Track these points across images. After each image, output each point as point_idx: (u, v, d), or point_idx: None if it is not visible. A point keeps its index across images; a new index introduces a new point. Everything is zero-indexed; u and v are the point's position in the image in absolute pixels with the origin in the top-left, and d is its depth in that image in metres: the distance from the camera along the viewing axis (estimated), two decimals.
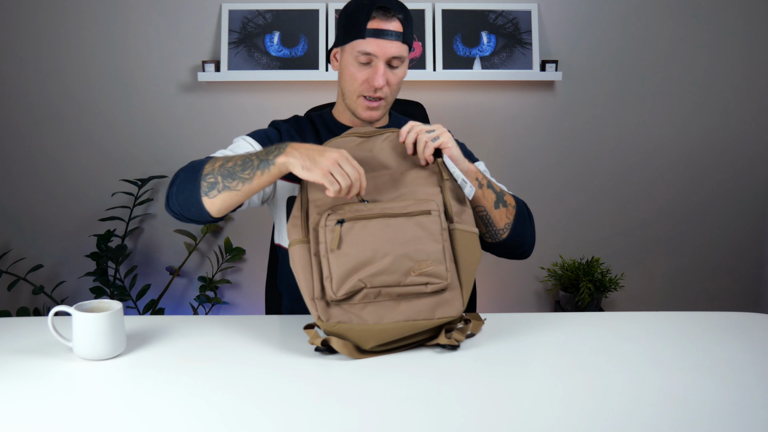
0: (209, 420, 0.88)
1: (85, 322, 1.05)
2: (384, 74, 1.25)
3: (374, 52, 1.24)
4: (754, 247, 2.54)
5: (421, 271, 1.06)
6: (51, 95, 2.36)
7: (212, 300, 2.38)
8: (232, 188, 1.12)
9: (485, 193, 1.21)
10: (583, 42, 2.38)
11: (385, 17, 1.24)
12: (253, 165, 1.10)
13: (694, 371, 1.01)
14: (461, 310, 1.07)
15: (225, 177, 1.11)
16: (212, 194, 1.13)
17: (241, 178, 1.11)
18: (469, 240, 1.12)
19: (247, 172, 1.10)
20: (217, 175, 1.12)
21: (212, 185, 1.12)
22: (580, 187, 2.48)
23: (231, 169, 1.12)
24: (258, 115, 2.36)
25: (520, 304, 2.55)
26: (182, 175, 1.17)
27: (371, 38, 1.24)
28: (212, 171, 1.13)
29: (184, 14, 2.33)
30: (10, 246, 2.42)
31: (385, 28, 1.24)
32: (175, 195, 1.17)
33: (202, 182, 1.13)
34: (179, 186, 1.16)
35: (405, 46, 1.27)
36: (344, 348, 1.04)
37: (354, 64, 1.27)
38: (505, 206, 1.24)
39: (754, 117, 2.45)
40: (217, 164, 1.13)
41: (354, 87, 1.28)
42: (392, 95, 1.31)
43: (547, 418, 0.87)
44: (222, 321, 1.26)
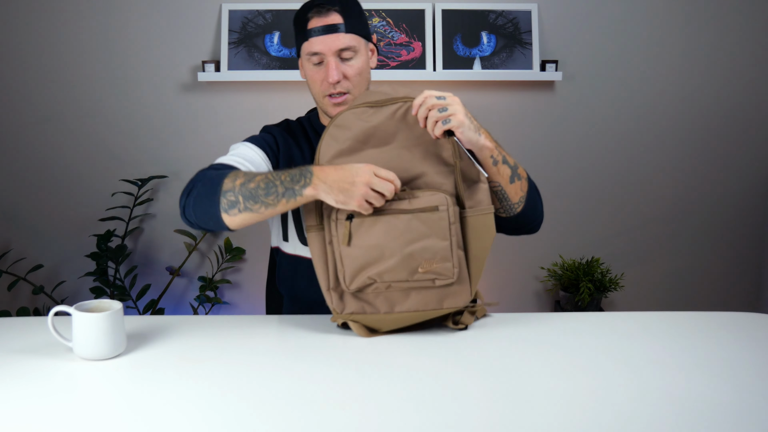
0: (209, 420, 0.88)
1: (85, 322, 1.05)
2: (336, 68, 1.25)
3: (320, 50, 1.25)
4: (754, 247, 2.54)
5: (427, 269, 1.09)
6: (51, 95, 2.35)
7: (212, 300, 2.38)
8: (254, 210, 1.11)
9: (500, 169, 1.19)
10: (583, 42, 2.38)
11: (321, 13, 1.25)
12: (277, 192, 1.09)
13: (694, 371, 1.01)
14: (468, 300, 1.13)
15: (247, 198, 1.10)
16: (232, 212, 1.12)
17: (264, 202, 1.10)
18: (482, 223, 1.14)
19: (271, 197, 1.09)
20: (238, 195, 1.10)
21: (233, 204, 1.11)
22: (580, 186, 2.48)
23: (254, 191, 1.10)
24: (258, 115, 2.36)
25: (520, 304, 2.55)
26: (199, 187, 1.15)
27: (314, 37, 1.25)
28: (233, 189, 1.11)
29: (184, 14, 2.33)
30: (10, 246, 2.42)
31: (323, 23, 1.24)
32: (193, 207, 1.15)
33: (222, 198, 1.11)
34: (197, 198, 1.15)
35: (352, 36, 1.26)
36: (359, 329, 1.15)
37: (310, 67, 1.28)
38: (519, 179, 1.22)
39: (753, 117, 2.45)
40: (237, 182, 1.11)
41: (317, 89, 1.30)
42: (357, 87, 1.29)
43: (547, 418, 0.87)
44: (222, 321, 1.26)
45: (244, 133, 2.33)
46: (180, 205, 1.19)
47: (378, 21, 2.32)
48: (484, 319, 1.25)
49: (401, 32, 2.32)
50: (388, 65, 2.31)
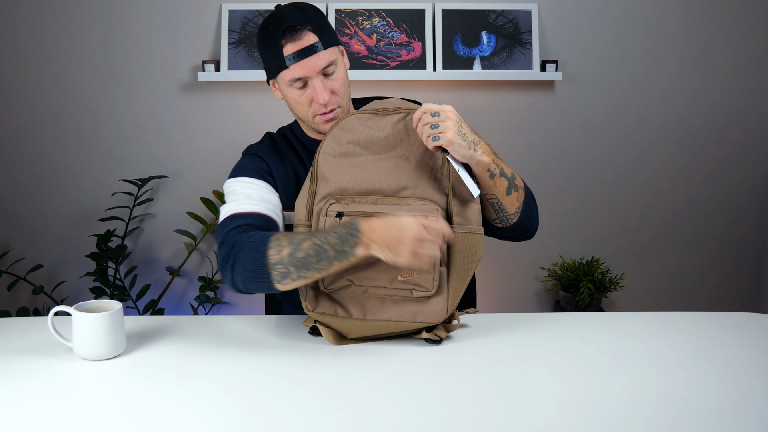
0: (209, 420, 0.88)
1: (85, 322, 1.05)
2: (324, 88, 1.20)
3: (304, 75, 1.19)
4: (754, 247, 2.54)
5: (407, 278, 1.08)
6: (51, 95, 2.35)
7: (212, 300, 2.38)
8: (308, 278, 1.08)
9: (497, 182, 1.18)
10: (583, 42, 2.38)
11: (296, 37, 1.18)
12: (329, 256, 1.06)
13: (694, 371, 1.01)
14: (443, 318, 1.10)
15: (299, 268, 1.07)
16: (285, 282, 1.09)
17: (317, 269, 1.07)
18: (469, 242, 1.11)
19: (323, 263, 1.06)
20: (289, 267, 1.07)
21: (284, 275, 1.08)
22: (580, 187, 2.48)
23: (304, 260, 1.07)
24: (258, 115, 2.36)
25: (520, 304, 2.55)
26: (243, 260, 1.10)
27: (294, 64, 1.19)
28: (281, 261, 1.07)
29: (184, 14, 2.33)
30: (10, 246, 2.42)
31: (301, 47, 1.18)
32: (242, 281, 1.11)
33: (273, 272, 1.08)
34: (244, 273, 1.10)
35: (330, 50, 1.21)
36: (328, 335, 1.12)
37: (292, 91, 1.22)
38: (516, 191, 1.21)
39: (754, 116, 2.45)
40: (285, 252, 1.08)
41: (304, 111, 1.24)
42: (344, 98, 1.26)
43: (547, 418, 0.87)
44: (222, 321, 1.26)
45: (244, 133, 2.34)
46: (226, 279, 1.14)
47: (378, 21, 2.32)
48: (484, 319, 1.25)
49: (401, 32, 2.32)
50: (388, 65, 2.31)
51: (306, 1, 1.27)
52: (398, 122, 1.18)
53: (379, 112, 1.19)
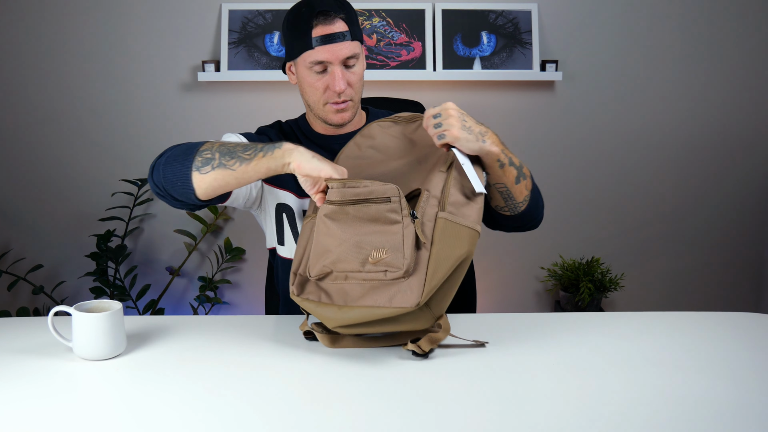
0: (209, 420, 0.88)
1: (85, 322, 1.05)
2: (343, 77, 1.23)
3: (327, 59, 1.22)
4: (754, 247, 2.54)
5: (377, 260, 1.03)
6: (51, 95, 2.36)
7: (212, 300, 2.38)
8: (228, 166, 1.08)
9: (506, 171, 1.17)
10: (583, 42, 2.38)
11: (328, 21, 1.21)
12: (256, 147, 1.08)
13: (694, 371, 1.01)
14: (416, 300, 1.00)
15: (223, 154, 1.09)
16: (205, 170, 1.10)
17: (240, 157, 1.08)
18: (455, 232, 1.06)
19: (248, 152, 1.08)
20: (215, 152, 1.10)
21: (207, 161, 1.09)
22: (580, 186, 2.48)
23: (232, 148, 1.10)
24: (258, 115, 2.36)
25: (520, 304, 2.55)
26: (175, 148, 1.14)
27: (320, 46, 1.21)
28: (211, 148, 1.11)
29: (184, 14, 2.33)
30: (10, 246, 2.42)
31: (330, 32, 1.21)
32: (163, 165, 1.13)
33: (197, 157, 1.10)
34: (169, 158, 1.13)
35: (356, 43, 1.24)
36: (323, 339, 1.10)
37: (310, 74, 1.25)
38: (524, 179, 1.20)
39: (754, 116, 2.45)
40: (217, 143, 1.12)
41: (317, 97, 1.27)
42: (357, 93, 1.29)
43: (547, 418, 0.87)
44: (222, 321, 1.26)
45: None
46: (150, 166, 1.15)
47: (378, 21, 2.32)
48: (484, 319, 1.25)
49: (401, 32, 2.32)
50: (388, 65, 2.31)
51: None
52: (416, 129, 1.20)
53: (399, 120, 1.22)
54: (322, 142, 1.34)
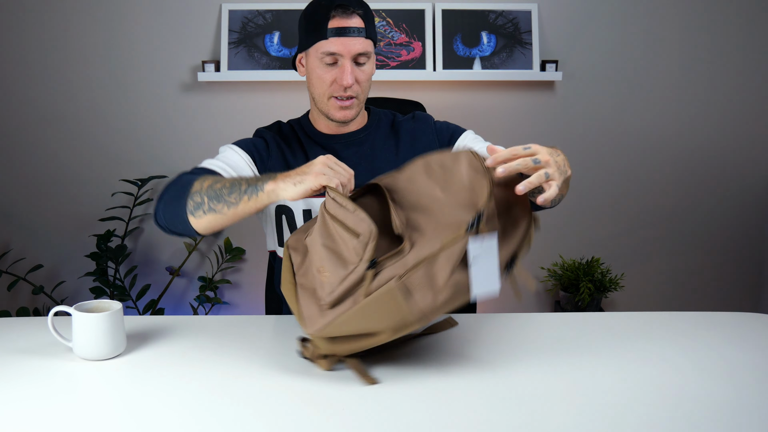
0: (209, 420, 0.88)
1: (85, 322, 1.05)
2: (352, 72, 1.24)
3: (339, 51, 1.23)
4: (755, 248, 2.54)
5: (321, 272, 0.98)
6: (51, 95, 2.36)
7: (212, 300, 2.38)
8: (217, 211, 1.08)
9: (564, 187, 1.04)
10: (583, 42, 2.38)
11: (345, 14, 1.23)
12: (240, 190, 1.06)
13: (693, 371, 1.01)
14: (313, 329, 0.94)
15: (211, 198, 1.08)
16: (198, 214, 1.10)
17: (227, 201, 1.07)
18: (394, 307, 0.89)
19: (233, 196, 1.06)
20: (203, 195, 1.09)
21: (198, 205, 1.09)
22: (580, 186, 2.48)
23: (219, 191, 1.08)
24: (258, 115, 2.36)
25: (520, 304, 2.55)
26: (171, 190, 1.15)
27: (334, 37, 1.23)
28: (200, 190, 1.09)
29: (184, 14, 2.33)
30: (10, 246, 2.42)
31: (346, 25, 1.22)
32: (163, 209, 1.15)
33: (189, 200, 1.10)
34: (167, 201, 1.14)
35: (369, 42, 1.26)
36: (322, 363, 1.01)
37: (320, 66, 1.25)
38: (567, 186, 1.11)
39: (754, 116, 2.45)
40: (205, 184, 1.10)
41: (323, 89, 1.27)
42: (364, 93, 1.29)
43: (547, 418, 0.87)
44: (222, 321, 1.26)
45: (244, 133, 2.33)
46: (153, 208, 1.17)
47: (378, 21, 2.32)
48: (484, 319, 1.25)
49: (401, 32, 2.32)
50: (388, 65, 2.31)
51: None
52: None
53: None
54: (324, 142, 1.34)
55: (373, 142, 1.35)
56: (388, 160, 1.33)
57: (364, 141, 1.35)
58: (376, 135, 1.36)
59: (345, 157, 1.32)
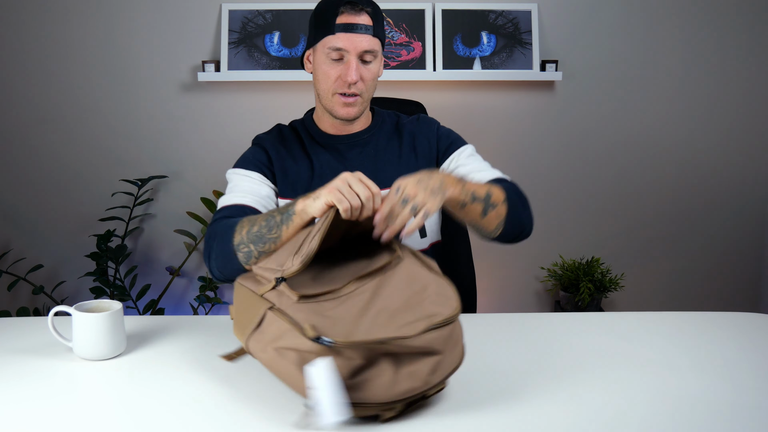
0: (209, 420, 0.88)
1: (85, 322, 1.05)
2: (357, 69, 1.24)
3: (345, 47, 1.24)
4: (754, 247, 2.54)
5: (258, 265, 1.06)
6: (51, 95, 2.35)
7: (212, 300, 2.38)
8: (266, 251, 1.09)
9: (470, 209, 1.14)
10: (583, 42, 2.38)
11: (354, 11, 1.24)
12: (277, 223, 1.08)
13: (693, 371, 1.01)
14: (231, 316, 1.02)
15: (256, 243, 1.09)
16: (251, 262, 1.11)
17: (270, 239, 1.09)
18: (247, 300, 0.99)
19: (273, 232, 1.08)
20: (249, 244, 1.10)
21: (248, 254, 1.10)
22: (580, 187, 2.48)
23: (258, 233, 1.09)
24: (258, 115, 2.36)
25: (520, 304, 2.55)
26: (216, 248, 1.15)
27: (341, 33, 1.23)
28: (242, 240, 1.11)
29: (184, 14, 2.33)
30: (10, 246, 2.42)
31: (354, 21, 1.24)
32: (219, 268, 1.16)
33: (238, 254, 1.11)
34: (218, 260, 1.15)
35: (376, 40, 1.27)
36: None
37: (326, 61, 1.26)
38: (494, 208, 1.16)
39: (755, 116, 2.45)
40: (244, 231, 1.11)
41: (328, 85, 1.27)
42: (368, 91, 1.29)
43: (547, 418, 0.87)
44: (222, 321, 1.26)
45: (244, 133, 2.33)
46: (208, 268, 1.19)
47: None
48: (484, 319, 1.25)
49: (401, 32, 2.32)
50: (388, 65, 2.31)
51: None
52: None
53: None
54: (328, 141, 1.34)
55: (377, 144, 1.35)
56: (391, 161, 1.34)
57: (367, 142, 1.35)
58: (379, 136, 1.36)
59: (348, 158, 1.33)
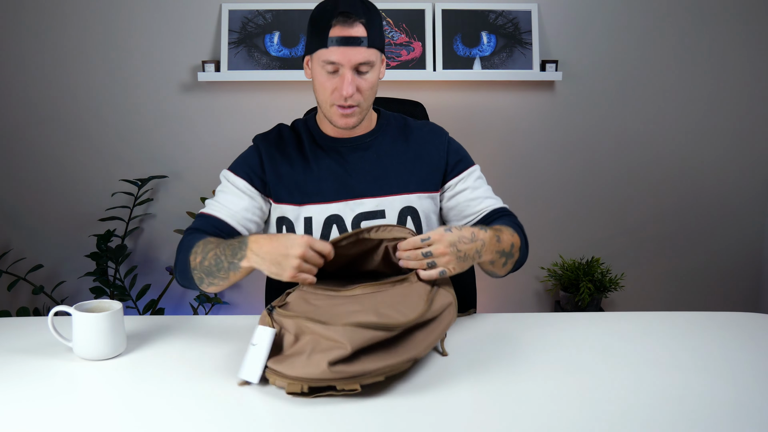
0: (209, 420, 0.88)
1: (85, 322, 1.05)
2: (352, 82, 1.22)
3: (339, 61, 1.21)
4: (754, 248, 2.54)
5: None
6: (51, 95, 2.35)
7: (212, 300, 2.38)
8: (217, 284, 1.19)
9: (496, 263, 1.22)
10: (583, 42, 2.38)
11: (347, 23, 1.20)
12: (224, 267, 1.14)
13: (693, 371, 1.01)
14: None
15: (207, 275, 1.17)
16: (203, 286, 1.21)
17: (219, 277, 1.16)
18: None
19: (222, 273, 1.15)
20: (201, 273, 1.18)
21: (200, 280, 1.19)
22: (580, 187, 2.48)
23: (208, 269, 1.16)
24: (258, 115, 2.36)
25: (520, 304, 2.55)
26: (179, 262, 1.24)
27: (334, 47, 1.20)
28: (196, 267, 1.18)
29: (184, 14, 2.33)
30: (10, 246, 2.42)
31: (347, 34, 1.20)
32: (180, 280, 1.26)
33: (193, 275, 1.20)
34: (179, 273, 1.25)
35: (372, 50, 1.23)
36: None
37: (322, 73, 1.24)
38: (511, 258, 1.24)
39: (754, 116, 2.45)
40: (197, 259, 1.18)
41: (325, 96, 1.26)
42: (367, 100, 1.27)
43: (547, 418, 0.87)
44: (222, 321, 1.26)
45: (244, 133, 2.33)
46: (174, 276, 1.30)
47: None
48: (483, 319, 1.25)
49: (401, 32, 2.32)
50: (388, 65, 2.31)
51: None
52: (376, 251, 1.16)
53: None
54: (329, 144, 1.34)
55: (379, 148, 1.34)
56: (393, 166, 1.33)
57: (370, 145, 1.34)
58: (383, 140, 1.35)
59: (350, 162, 1.32)
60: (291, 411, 0.89)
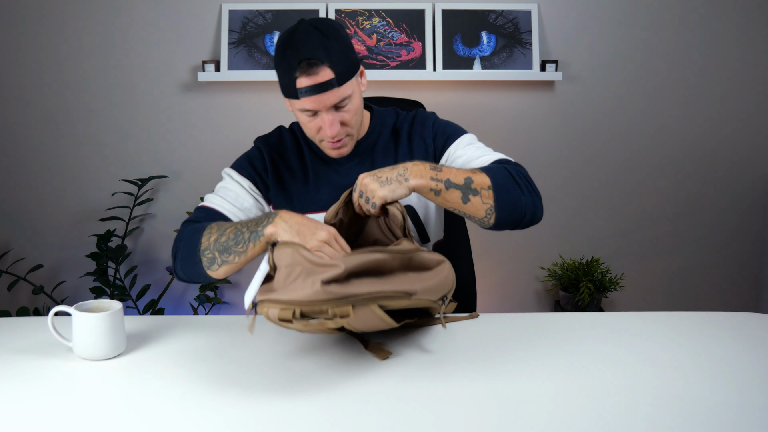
0: (209, 420, 0.88)
1: (85, 322, 1.05)
2: (333, 122, 1.21)
3: (314, 108, 1.19)
4: (754, 247, 2.54)
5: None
6: (51, 95, 2.36)
7: (212, 300, 2.38)
8: (230, 262, 1.14)
9: (447, 195, 1.12)
10: (583, 42, 2.38)
11: (312, 72, 1.15)
12: (244, 238, 1.11)
13: (693, 371, 1.01)
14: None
15: (221, 252, 1.13)
16: (213, 268, 1.16)
17: (236, 251, 1.12)
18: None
19: (240, 246, 1.12)
20: (214, 251, 1.14)
21: (211, 261, 1.15)
22: (580, 187, 2.48)
23: (225, 244, 1.13)
24: (258, 115, 2.36)
25: (520, 304, 2.55)
26: (182, 248, 1.19)
27: (305, 97, 1.18)
28: (209, 246, 1.15)
29: (184, 14, 2.33)
30: (10, 246, 2.42)
31: (314, 83, 1.16)
32: (181, 269, 1.21)
33: (202, 258, 1.15)
34: (182, 261, 1.19)
35: (345, 87, 1.19)
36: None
37: (302, 116, 1.23)
38: (476, 194, 1.12)
39: (754, 116, 2.45)
40: (212, 238, 1.15)
41: (312, 135, 1.26)
42: (354, 127, 1.26)
43: (547, 418, 0.87)
44: (222, 321, 1.26)
45: (244, 133, 2.34)
46: (173, 268, 1.24)
47: (378, 21, 2.32)
48: (484, 319, 1.25)
49: (401, 32, 2.32)
50: (388, 65, 2.31)
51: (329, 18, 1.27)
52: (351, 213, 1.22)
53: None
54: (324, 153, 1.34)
55: (374, 152, 1.35)
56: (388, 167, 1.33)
57: (365, 150, 1.34)
58: (377, 143, 1.35)
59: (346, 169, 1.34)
60: (291, 410, 0.89)
